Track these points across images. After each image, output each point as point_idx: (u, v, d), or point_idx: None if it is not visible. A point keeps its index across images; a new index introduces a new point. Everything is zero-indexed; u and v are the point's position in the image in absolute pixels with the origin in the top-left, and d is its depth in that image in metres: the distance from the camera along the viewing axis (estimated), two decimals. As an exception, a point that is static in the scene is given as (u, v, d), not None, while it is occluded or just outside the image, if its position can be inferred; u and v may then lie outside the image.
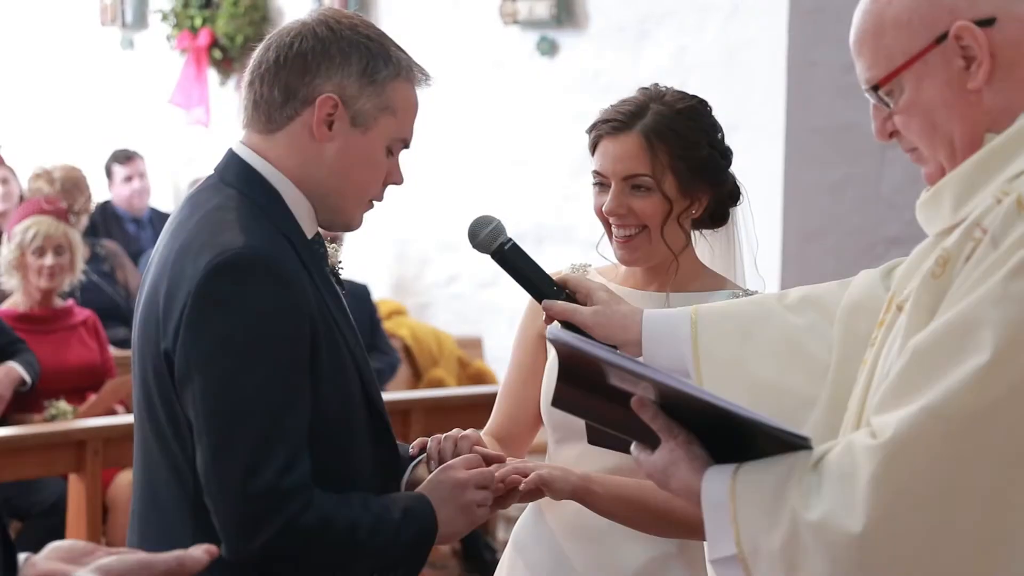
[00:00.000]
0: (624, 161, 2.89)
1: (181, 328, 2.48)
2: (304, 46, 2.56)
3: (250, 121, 2.63)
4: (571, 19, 7.88)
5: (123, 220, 8.87)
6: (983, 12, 2.08)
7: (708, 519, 2.11)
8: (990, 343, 1.93)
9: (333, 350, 2.56)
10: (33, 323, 6.22)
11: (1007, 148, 2.06)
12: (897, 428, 1.96)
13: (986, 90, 2.09)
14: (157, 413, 2.55)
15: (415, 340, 7.89)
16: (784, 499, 2.02)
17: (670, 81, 3.03)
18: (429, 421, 6.07)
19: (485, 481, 2.69)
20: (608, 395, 2.21)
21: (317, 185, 2.60)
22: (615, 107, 2.94)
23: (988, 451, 1.93)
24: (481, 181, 8.22)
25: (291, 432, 2.47)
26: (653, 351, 2.53)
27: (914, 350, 2.00)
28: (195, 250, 2.51)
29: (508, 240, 2.68)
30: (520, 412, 3.05)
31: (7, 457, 5.40)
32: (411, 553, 2.61)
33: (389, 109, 2.59)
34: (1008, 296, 1.94)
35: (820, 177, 6.98)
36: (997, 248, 1.97)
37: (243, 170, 2.61)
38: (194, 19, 9.58)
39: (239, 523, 2.46)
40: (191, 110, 9.59)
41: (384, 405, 2.70)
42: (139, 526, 2.64)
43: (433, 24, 8.31)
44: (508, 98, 8.15)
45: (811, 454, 2.04)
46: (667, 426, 2.15)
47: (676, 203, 2.88)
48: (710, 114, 2.96)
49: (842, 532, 1.96)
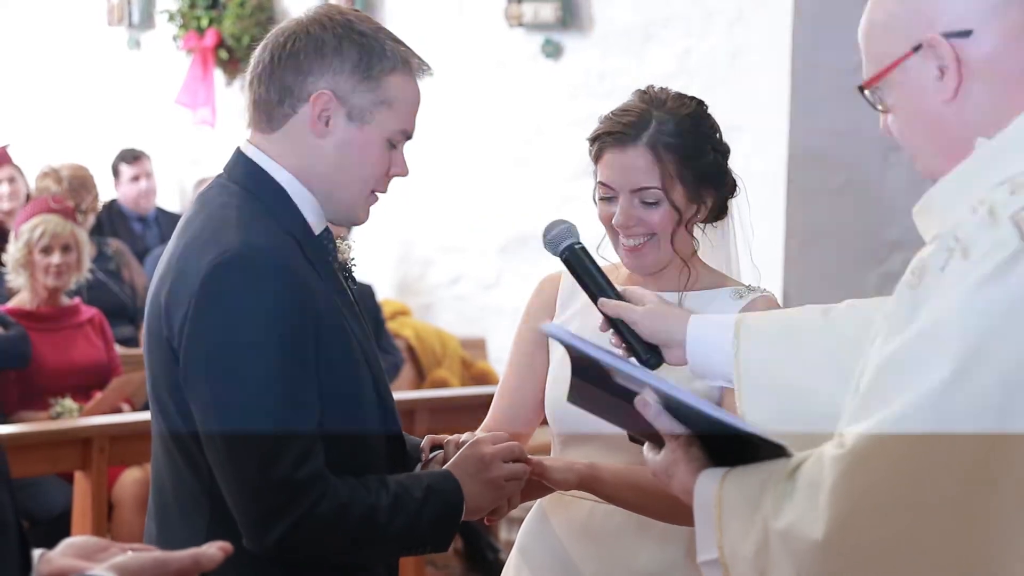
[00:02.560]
0: (632, 173, 2.87)
1: (186, 325, 2.51)
2: (297, 45, 2.60)
3: (253, 121, 2.67)
4: (576, 22, 7.90)
5: (129, 219, 8.89)
6: (960, 24, 2.07)
7: (697, 521, 2.13)
8: (950, 357, 1.91)
9: (341, 344, 2.59)
10: (39, 321, 6.25)
11: (993, 156, 2.06)
12: (857, 439, 1.95)
13: (964, 101, 2.08)
14: (167, 406, 2.59)
15: (419, 340, 7.91)
16: (759, 506, 2.03)
17: (674, 84, 3.04)
18: (433, 421, 6.09)
19: (512, 454, 2.72)
20: (617, 393, 2.24)
21: (320, 180, 2.63)
22: (616, 117, 2.92)
23: (948, 465, 1.92)
24: (485, 183, 8.23)
25: (302, 424, 2.50)
26: (697, 355, 2.53)
27: (882, 361, 1.99)
28: (199, 248, 2.55)
29: (577, 242, 2.71)
30: (518, 409, 3.05)
31: (13, 455, 5.39)
32: (436, 530, 2.63)
33: (386, 102, 2.62)
34: (971, 310, 1.92)
35: (822, 180, 7.00)
36: (967, 259, 1.96)
37: (249, 168, 2.64)
38: (200, 19, 9.60)
39: (257, 516, 2.50)
40: (197, 110, 9.60)
41: (394, 399, 2.73)
42: (157, 516, 2.68)
43: (438, 26, 8.32)
44: (512, 100, 8.17)
45: (789, 462, 2.05)
46: (669, 427, 2.18)
47: (685, 211, 2.88)
48: (709, 115, 2.95)
49: (805, 540, 1.96)
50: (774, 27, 7.00)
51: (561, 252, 2.71)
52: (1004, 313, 1.92)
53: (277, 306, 2.51)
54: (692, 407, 2.14)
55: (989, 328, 1.92)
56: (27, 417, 6.02)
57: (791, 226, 6.95)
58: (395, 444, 2.73)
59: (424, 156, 3.11)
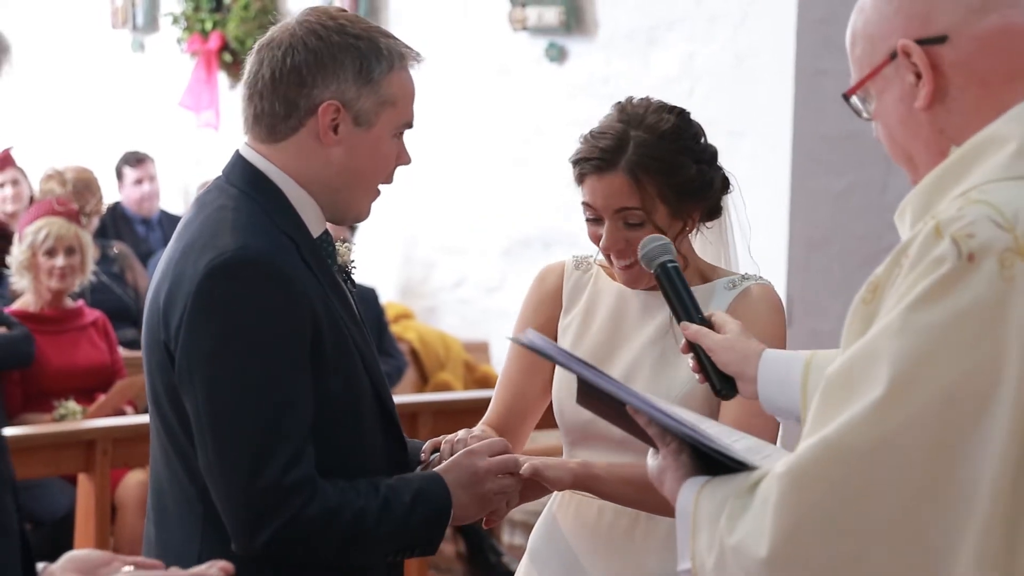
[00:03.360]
0: (613, 198, 2.87)
1: (181, 329, 2.52)
2: (297, 59, 2.60)
3: (253, 132, 2.67)
4: (580, 26, 7.90)
5: (133, 222, 8.90)
6: (935, 30, 2.04)
7: (677, 529, 2.11)
8: (886, 376, 1.89)
9: (340, 346, 2.59)
10: (43, 323, 6.25)
11: (958, 167, 2.02)
12: (798, 456, 1.94)
13: (939, 109, 2.05)
14: (164, 409, 2.60)
15: (422, 344, 7.91)
16: (718, 520, 2.02)
17: (678, 88, 3.05)
18: (436, 424, 6.09)
19: (506, 468, 2.72)
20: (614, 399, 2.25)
21: (324, 185, 2.65)
22: (595, 140, 2.91)
23: (886, 485, 1.89)
24: (489, 186, 8.24)
25: (293, 429, 2.51)
26: (767, 392, 2.50)
27: (826, 381, 1.97)
28: (196, 251, 2.56)
29: (672, 260, 2.69)
30: (518, 404, 3.05)
31: (16, 457, 5.34)
32: (424, 534, 2.64)
33: (389, 102, 2.64)
34: (906, 328, 1.90)
35: (826, 185, 7.00)
36: (909, 276, 1.93)
37: (248, 171, 2.65)
38: (204, 22, 9.62)
39: (244, 520, 2.51)
40: (201, 113, 9.62)
41: (393, 402, 2.74)
42: (155, 519, 2.69)
43: (442, 30, 8.33)
44: (516, 104, 8.17)
45: (751, 476, 2.03)
46: (660, 433, 2.17)
47: (670, 229, 2.86)
48: (690, 125, 2.92)
49: (752, 557, 1.95)
50: (778, 31, 7.00)
51: (654, 268, 2.70)
52: (939, 332, 1.89)
53: (272, 309, 2.52)
54: (662, 421, 2.14)
55: (923, 348, 1.89)
56: (31, 419, 6.03)
57: (794, 230, 6.95)
58: (396, 449, 2.74)
59: (428, 159, 3.13)
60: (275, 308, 2.52)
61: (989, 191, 1.97)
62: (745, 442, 2.23)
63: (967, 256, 1.90)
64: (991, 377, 1.89)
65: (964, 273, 1.90)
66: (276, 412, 2.50)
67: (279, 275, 2.53)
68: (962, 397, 1.89)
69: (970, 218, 1.93)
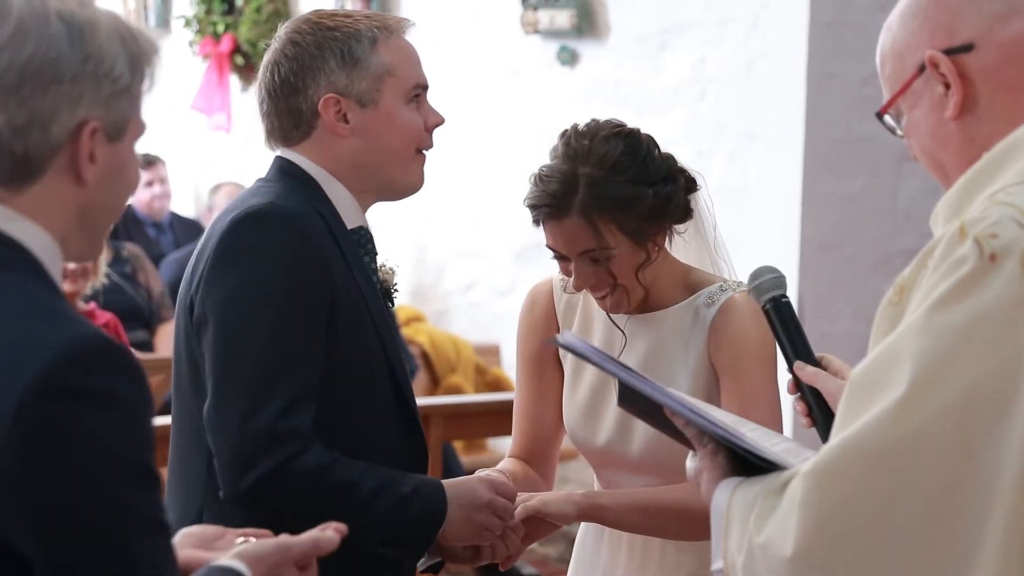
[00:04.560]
0: (572, 243, 2.82)
1: (203, 280, 2.61)
2: (283, 71, 2.71)
3: (275, 143, 2.79)
4: (592, 29, 7.90)
5: (144, 224, 8.91)
6: (961, 39, 2.06)
7: (712, 529, 2.13)
8: (907, 376, 1.90)
9: (356, 321, 2.64)
10: (55, 325, 6.26)
11: (986, 171, 2.03)
12: (823, 456, 1.95)
13: (969, 118, 2.06)
14: (183, 379, 2.66)
15: (433, 347, 7.92)
16: (748, 519, 2.03)
17: (690, 92, 3.04)
18: (447, 427, 6.10)
19: (502, 512, 2.74)
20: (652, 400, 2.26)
21: (359, 171, 2.74)
22: (544, 185, 2.84)
23: (908, 484, 1.90)
24: (500, 189, 8.24)
25: (296, 379, 2.55)
26: None
27: (851, 382, 1.99)
28: (227, 214, 2.67)
29: (784, 296, 2.55)
30: (538, 429, 3.03)
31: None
32: (416, 531, 2.65)
33: (386, 73, 2.72)
34: (928, 328, 1.91)
35: (837, 188, 7.00)
36: (933, 276, 1.94)
37: (284, 164, 2.76)
38: (216, 25, 9.63)
39: (231, 461, 2.55)
40: (212, 116, 9.62)
41: (412, 390, 2.78)
42: (171, 479, 2.73)
43: (453, 33, 8.34)
44: (527, 107, 8.18)
45: (781, 476, 2.04)
46: (697, 435, 2.18)
47: (636, 256, 2.81)
48: (640, 145, 2.83)
49: (778, 556, 1.96)
50: (790, 35, 7.00)
51: (764, 302, 2.54)
52: (960, 333, 1.90)
53: (291, 263, 2.59)
54: (698, 423, 2.15)
55: (944, 348, 1.90)
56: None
57: (805, 233, 6.94)
58: (412, 437, 2.76)
59: (439, 162, 3.14)
60: (294, 262, 2.58)
61: (1015, 193, 1.98)
62: (785, 444, 2.23)
63: (989, 256, 1.91)
64: (1012, 377, 1.90)
65: (986, 273, 1.91)
66: (280, 361, 2.55)
67: (302, 232, 2.61)
68: (983, 397, 1.90)
69: (994, 218, 1.94)
